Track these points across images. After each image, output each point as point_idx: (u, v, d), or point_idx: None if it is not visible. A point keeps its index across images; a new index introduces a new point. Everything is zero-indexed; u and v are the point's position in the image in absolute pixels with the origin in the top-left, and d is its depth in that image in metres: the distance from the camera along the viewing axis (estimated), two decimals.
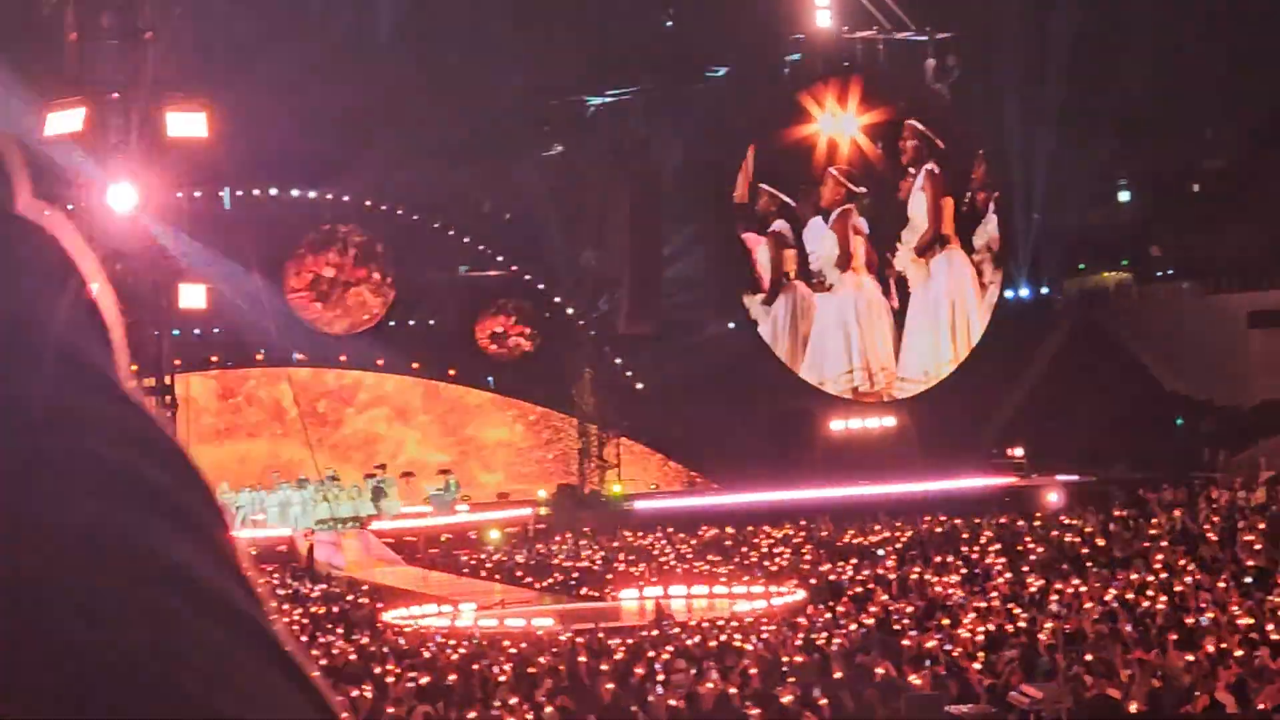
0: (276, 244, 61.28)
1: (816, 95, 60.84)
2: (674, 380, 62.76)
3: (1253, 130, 67.95)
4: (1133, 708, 20.28)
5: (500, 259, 64.18)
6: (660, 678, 23.96)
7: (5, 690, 0.97)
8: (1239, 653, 22.52)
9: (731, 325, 62.26)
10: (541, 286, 64.10)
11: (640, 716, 21.31)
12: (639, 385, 64.02)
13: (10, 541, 0.99)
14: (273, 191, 61.59)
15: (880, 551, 42.46)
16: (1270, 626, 24.63)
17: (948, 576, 35.60)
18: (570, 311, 62.69)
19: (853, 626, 28.80)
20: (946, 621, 27.98)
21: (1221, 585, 29.79)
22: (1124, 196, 74.27)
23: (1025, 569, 35.69)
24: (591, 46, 60.16)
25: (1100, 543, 40.25)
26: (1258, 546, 36.33)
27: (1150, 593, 29.56)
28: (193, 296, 20.78)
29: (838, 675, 23.46)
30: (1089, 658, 22.79)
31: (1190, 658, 22.38)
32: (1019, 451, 60.38)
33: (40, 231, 1.11)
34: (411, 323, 64.84)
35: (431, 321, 65.24)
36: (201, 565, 1.05)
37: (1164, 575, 32.15)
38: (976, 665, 23.18)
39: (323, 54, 57.97)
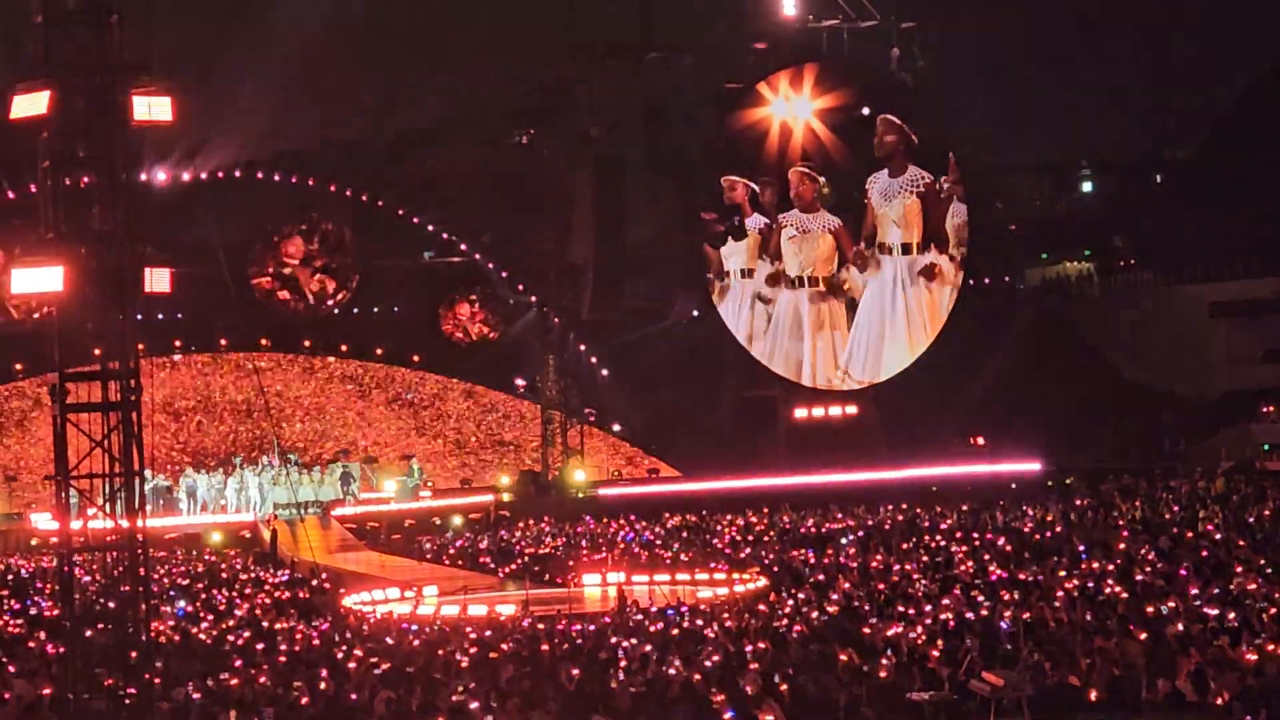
0: (241, 228, 61.11)
1: (772, 83, 60.69)
2: (638, 367, 62.74)
3: (1215, 122, 68.23)
4: (1093, 695, 20.38)
5: (464, 246, 64.05)
6: (623, 664, 23.98)
7: None
8: (1199, 641, 22.62)
9: (695, 313, 62.19)
10: (505, 274, 63.99)
11: (602, 703, 21.32)
12: (603, 372, 64.00)
13: None
14: (237, 174, 61.33)
15: (844, 540, 42.50)
16: (1231, 615, 24.78)
17: (909, 564, 35.66)
18: (534, 298, 62.59)
19: (815, 614, 28.82)
20: (910, 610, 28.02)
21: (1182, 574, 29.93)
22: (1087, 187, 74.48)
23: (986, 557, 35.78)
24: (559, 33, 60.08)
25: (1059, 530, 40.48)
26: (1218, 536, 36.54)
27: (1111, 581, 29.67)
28: (158, 280, 20.67)
29: (799, 662, 23.50)
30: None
31: (1150, 646, 22.48)
32: (981, 440, 60.56)
33: None
34: (375, 309, 64.68)
35: (395, 308, 65.13)
36: None
37: (1124, 564, 32.28)
38: (936, 653, 23.24)
39: (292, 36, 57.81)
